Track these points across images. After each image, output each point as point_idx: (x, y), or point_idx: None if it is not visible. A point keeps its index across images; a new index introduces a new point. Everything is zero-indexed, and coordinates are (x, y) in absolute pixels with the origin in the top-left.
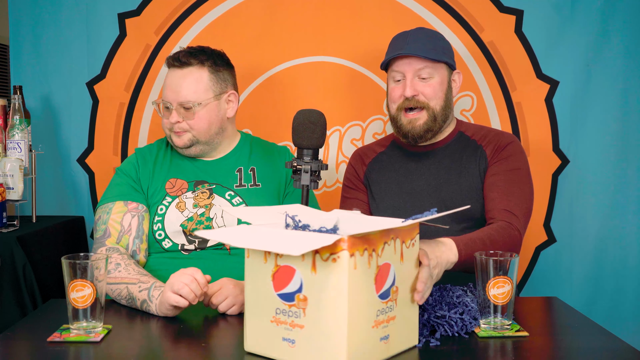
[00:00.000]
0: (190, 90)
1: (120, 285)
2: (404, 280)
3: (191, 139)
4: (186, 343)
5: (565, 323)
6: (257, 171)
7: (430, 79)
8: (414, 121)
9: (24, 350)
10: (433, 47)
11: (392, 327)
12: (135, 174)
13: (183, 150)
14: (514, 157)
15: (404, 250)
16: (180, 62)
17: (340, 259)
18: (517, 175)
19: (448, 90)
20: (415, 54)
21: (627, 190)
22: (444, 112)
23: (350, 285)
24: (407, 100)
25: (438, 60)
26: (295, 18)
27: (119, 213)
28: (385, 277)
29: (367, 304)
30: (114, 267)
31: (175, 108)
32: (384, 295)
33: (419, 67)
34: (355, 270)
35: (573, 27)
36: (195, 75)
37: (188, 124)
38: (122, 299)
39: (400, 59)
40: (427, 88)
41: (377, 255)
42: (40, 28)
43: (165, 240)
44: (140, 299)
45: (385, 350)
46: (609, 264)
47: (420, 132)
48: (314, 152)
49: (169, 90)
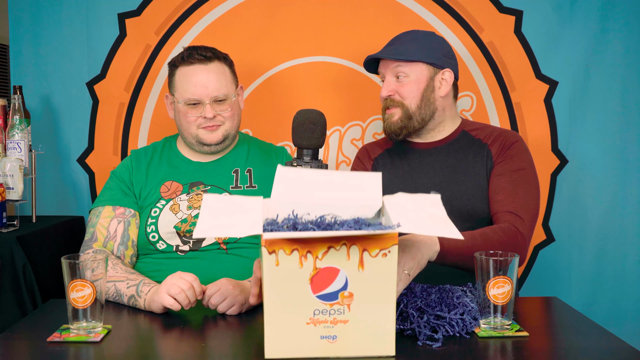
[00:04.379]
0: (222, 83)
1: (107, 283)
2: (362, 288)
3: (224, 133)
4: (186, 343)
5: (565, 323)
6: (254, 172)
7: (405, 78)
8: (390, 117)
9: (24, 350)
10: (410, 47)
11: (340, 330)
12: (129, 177)
13: (211, 147)
14: (518, 157)
15: (365, 259)
16: (206, 57)
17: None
18: (522, 176)
19: (427, 89)
20: (386, 57)
21: (626, 190)
22: (421, 111)
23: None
24: (385, 100)
25: (411, 60)
26: (295, 18)
27: (107, 218)
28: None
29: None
30: None
31: (209, 103)
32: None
33: (393, 66)
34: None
35: (572, 28)
36: (222, 69)
37: (223, 116)
38: (109, 297)
39: (380, 61)
40: (401, 87)
41: (315, 257)
42: (40, 28)
43: (160, 242)
44: (127, 295)
45: (330, 349)
46: (608, 264)
47: (396, 129)
48: (314, 152)
49: (198, 86)
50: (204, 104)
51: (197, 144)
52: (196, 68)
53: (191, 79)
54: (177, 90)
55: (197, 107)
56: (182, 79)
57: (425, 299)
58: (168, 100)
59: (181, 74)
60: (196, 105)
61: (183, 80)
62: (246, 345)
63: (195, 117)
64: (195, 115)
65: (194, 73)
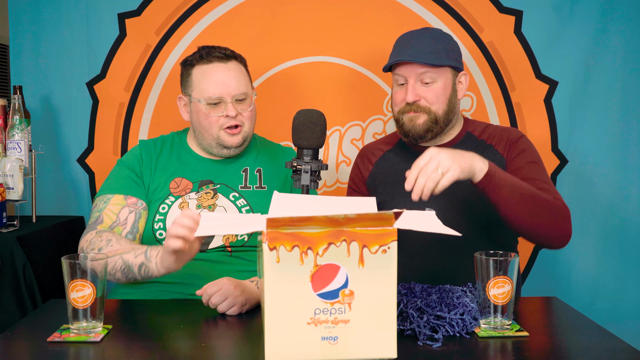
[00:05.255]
0: (241, 82)
1: (114, 257)
2: (363, 286)
3: (244, 136)
4: (186, 343)
5: (565, 323)
6: (263, 172)
7: (433, 83)
8: (414, 119)
9: (24, 350)
10: (436, 50)
11: (341, 330)
12: (139, 168)
13: (231, 150)
14: (529, 151)
15: (365, 255)
16: (226, 55)
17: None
18: (537, 168)
19: (452, 94)
20: (416, 61)
21: (626, 190)
22: (447, 117)
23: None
24: (409, 105)
25: (441, 65)
26: (295, 18)
27: (117, 205)
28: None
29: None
30: (105, 244)
31: (231, 102)
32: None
33: (421, 71)
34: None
35: (572, 28)
36: (240, 68)
37: (243, 116)
38: (117, 271)
39: (402, 63)
40: (429, 93)
41: (315, 254)
42: (40, 28)
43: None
44: (137, 264)
45: (332, 351)
46: (608, 264)
47: (421, 132)
48: (314, 152)
49: (219, 84)
50: (225, 102)
51: (217, 146)
52: (215, 66)
53: (212, 78)
54: (196, 89)
55: (219, 107)
56: (200, 77)
57: (425, 299)
58: (182, 102)
59: (199, 73)
60: (217, 105)
61: (202, 79)
62: (246, 345)
63: (217, 117)
64: (217, 114)
65: (214, 71)
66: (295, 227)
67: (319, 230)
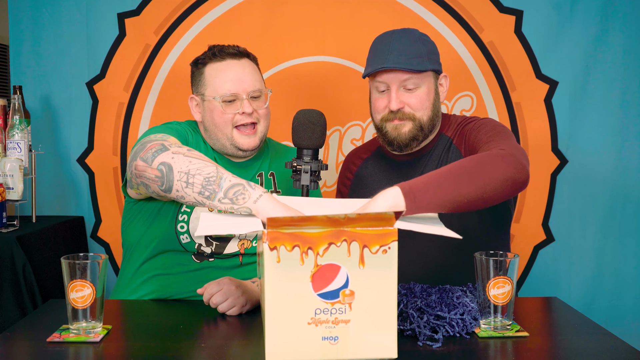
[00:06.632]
0: (256, 78)
1: (205, 161)
2: (363, 286)
3: (260, 137)
4: (186, 343)
5: (565, 323)
6: (277, 176)
7: (417, 89)
8: (399, 127)
9: (23, 350)
10: (418, 54)
11: (342, 330)
12: (185, 142)
13: (247, 153)
14: (484, 123)
15: (365, 255)
16: (239, 52)
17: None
18: (496, 130)
19: (435, 97)
20: (399, 67)
21: (626, 190)
22: (431, 122)
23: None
24: (392, 113)
25: (424, 70)
26: (295, 18)
27: (176, 140)
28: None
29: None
30: (186, 150)
31: (246, 98)
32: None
33: (404, 78)
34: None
35: (572, 28)
36: (253, 66)
37: (259, 113)
38: (200, 175)
39: (384, 70)
40: (413, 99)
41: (315, 254)
42: (40, 28)
43: (185, 235)
44: (233, 181)
45: (332, 351)
46: (608, 264)
47: (406, 140)
48: (314, 152)
49: (234, 81)
50: (241, 99)
51: (231, 147)
52: (229, 63)
53: (226, 74)
54: (210, 87)
55: (234, 104)
56: (214, 74)
57: (425, 299)
58: (193, 102)
59: (212, 70)
60: (233, 102)
61: (216, 76)
62: (246, 345)
63: (232, 115)
64: (232, 112)
65: (228, 68)
66: (296, 227)
67: (319, 230)
